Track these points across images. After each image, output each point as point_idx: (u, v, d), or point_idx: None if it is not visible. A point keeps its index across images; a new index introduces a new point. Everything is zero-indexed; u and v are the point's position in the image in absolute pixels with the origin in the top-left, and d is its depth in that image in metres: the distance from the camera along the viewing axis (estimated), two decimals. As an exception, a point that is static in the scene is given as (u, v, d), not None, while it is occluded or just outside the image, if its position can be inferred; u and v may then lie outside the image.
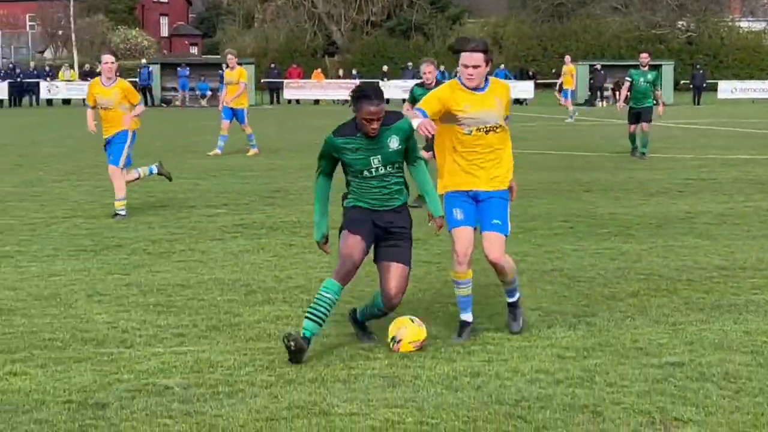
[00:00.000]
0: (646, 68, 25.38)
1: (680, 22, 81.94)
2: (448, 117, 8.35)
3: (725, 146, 28.55)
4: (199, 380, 7.29)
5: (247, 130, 26.56)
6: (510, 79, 65.89)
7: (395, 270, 8.05)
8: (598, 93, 61.78)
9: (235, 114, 26.51)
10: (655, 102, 25.42)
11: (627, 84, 25.49)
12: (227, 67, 26.93)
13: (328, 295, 7.87)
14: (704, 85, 64.00)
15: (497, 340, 8.39)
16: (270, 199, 17.50)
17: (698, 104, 61.68)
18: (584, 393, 6.99)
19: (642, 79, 25.13)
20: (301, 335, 7.78)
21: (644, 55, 25.96)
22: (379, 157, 7.89)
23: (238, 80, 26.43)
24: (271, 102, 63.08)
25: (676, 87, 65.67)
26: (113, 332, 8.64)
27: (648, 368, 7.57)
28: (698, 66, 67.87)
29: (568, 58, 46.44)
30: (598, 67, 62.51)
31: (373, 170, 7.93)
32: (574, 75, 44.23)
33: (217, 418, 6.51)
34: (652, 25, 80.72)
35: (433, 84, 15.89)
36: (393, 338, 8.09)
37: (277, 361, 7.76)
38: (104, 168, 22.80)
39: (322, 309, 7.87)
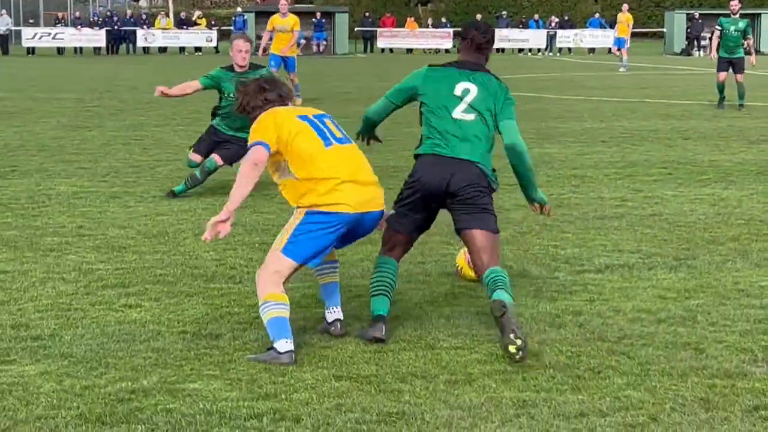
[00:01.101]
0: (737, 16, 24.78)
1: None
2: None
3: (827, 95, 28.09)
4: (307, 314, 7.51)
5: (295, 79, 25.59)
6: (605, 28, 65.15)
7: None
8: (695, 42, 60.87)
9: (285, 62, 25.68)
10: (746, 51, 24.91)
11: (717, 32, 24.81)
12: (279, 13, 26.19)
13: None
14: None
15: (598, 281, 8.49)
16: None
17: (798, 53, 60.49)
18: (686, 331, 7.07)
19: (733, 27, 24.48)
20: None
21: (734, 2, 25.05)
22: None
23: (291, 28, 25.76)
24: (365, 50, 63.14)
25: (776, 36, 64.43)
26: (221, 269, 8.88)
27: (749, 309, 7.62)
28: (799, 14, 66.46)
29: (625, 6, 45.53)
30: (696, 15, 61.55)
31: None
32: (630, 25, 43.35)
33: (326, 350, 6.71)
34: (752, -27, 79.15)
35: (247, 67, 12.93)
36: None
37: (381, 297, 7.92)
38: (205, 114, 23.18)
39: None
